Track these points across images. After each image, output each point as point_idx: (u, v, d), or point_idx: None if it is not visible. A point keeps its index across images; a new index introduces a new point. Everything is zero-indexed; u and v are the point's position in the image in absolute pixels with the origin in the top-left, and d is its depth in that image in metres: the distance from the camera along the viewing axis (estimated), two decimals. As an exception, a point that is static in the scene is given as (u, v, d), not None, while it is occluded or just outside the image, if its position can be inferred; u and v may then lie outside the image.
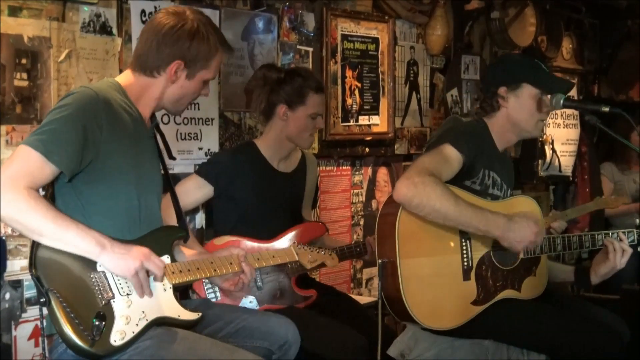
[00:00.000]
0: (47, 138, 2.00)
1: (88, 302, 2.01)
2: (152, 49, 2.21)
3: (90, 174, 2.09)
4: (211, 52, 2.25)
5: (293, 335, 2.36)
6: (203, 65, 2.25)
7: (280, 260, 2.55)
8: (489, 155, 2.65)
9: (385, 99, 4.34)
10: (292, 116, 3.01)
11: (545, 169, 5.69)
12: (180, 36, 2.20)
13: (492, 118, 2.70)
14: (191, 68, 2.24)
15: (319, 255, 2.72)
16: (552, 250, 2.69)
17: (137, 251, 2.07)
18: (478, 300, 2.54)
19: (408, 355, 2.62)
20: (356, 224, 4.27)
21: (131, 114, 2.20)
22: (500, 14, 4.94)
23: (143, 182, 2.22)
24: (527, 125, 2.69)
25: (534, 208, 2.69)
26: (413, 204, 2.37)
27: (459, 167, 2.51)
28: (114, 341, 2.01)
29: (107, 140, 2.10)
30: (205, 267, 2.28)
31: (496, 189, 2.68)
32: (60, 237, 1.98)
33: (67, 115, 2.03)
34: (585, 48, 6.09)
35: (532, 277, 2.68)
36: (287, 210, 3.09)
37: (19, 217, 1.95)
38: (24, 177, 1.96)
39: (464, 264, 2.52)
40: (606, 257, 2.67)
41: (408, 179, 2.38)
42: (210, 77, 2.31)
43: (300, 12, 3.84)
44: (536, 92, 2.65)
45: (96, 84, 2.23)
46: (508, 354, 2.59)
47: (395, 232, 2.44)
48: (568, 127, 5.85)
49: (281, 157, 3.09)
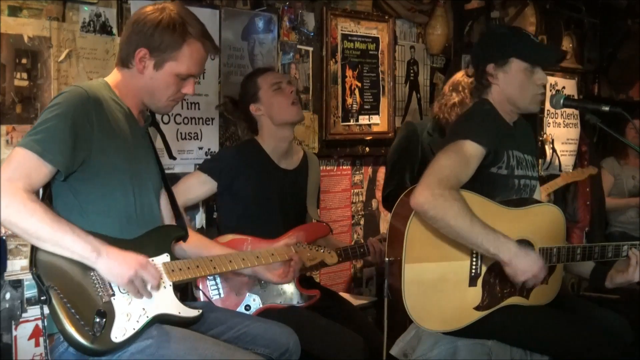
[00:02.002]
0: (41, 138, 2.01)
1: (89, 299, 2.02)
2: (124, 40, 2.25)
3: (85, 171, 2.10)
4: (177, 41, 2.19)
5: (294, 344, 2.38)
6: (171, 56, 2.20)
7: (279, 257, 2.57)
8: (505, 134, 2.58)
9: (385, 98, 4.34)
10: (262, 104, 3.04)
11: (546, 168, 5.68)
12: (145, 24, 2.20)
13: (488, 96, 2.64)
14: (157, 57, 2.21)
15: (317, 253, 2.73)
16: (569, 259, 2.60)
17: (133, 259, 2.07)
18: (481, 305, 2.52)
19: (411, 355, 2.61)
20: (356, 223, 4.27)
21: (122, 111, 2.21)
22: (500, 13, 4.93)
23: (138, 179, 2.22)
24: (521, 101, 2.61)
25: (557, 217, 2.64)
26: (428, 216, 2.34)
27: (481, 160, 2.46)
28: (115, 338, 2.02)
29: (99, 137, 2.10)
30: (205, 265, 2.29)
31: (521, 169, 2.62)
32: (57, 242, 1.98)
33: (59, 114, 2.05)
34: (585, 47, 6.08)
35: (544, 285, 2.61)
36: (290, 208, 3.09)
37: (17, 221, 1.96)
38: (21, 179, 1.97)
39: (472, 271, 2.50)
40: (627, 268, 2.61)
41: (428, 189, 2.32)
42: (182, 70, 2.22)
43: (300, 12, 3.84)
44: (525, 66, 2.58)
45: (87, 82, 2.25)
46: (511, 354, 2.58)
47: (404, 236, 2.42)
48: (568, 126, 5.84)
49: (283, 151, 3.09)
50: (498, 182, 2.55)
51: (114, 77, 2.27)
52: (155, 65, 2.21)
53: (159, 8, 2.22)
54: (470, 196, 2.42)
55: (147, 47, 2.20)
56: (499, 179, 2.56)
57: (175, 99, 2.29)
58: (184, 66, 2.22)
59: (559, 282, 2.68)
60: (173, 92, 2.26)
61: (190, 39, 2.21)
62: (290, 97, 3.04)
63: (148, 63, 2.21)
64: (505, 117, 2.65)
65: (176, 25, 2.19)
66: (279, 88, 3.04)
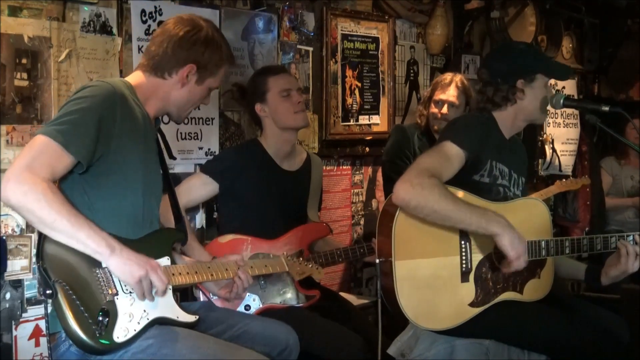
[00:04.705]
0: (66, 129, 2.00)
1: (92, 297, 2.03)
2: (167, 52, 2.26)
3: (101, 166, 2.10)
4: (222, 60, 2.34)
5: (294, 342, 2.39)
6: (212, 73, 2.33)
7: (272, 269, 2.61)
8: (495, 146, 2.61)
9: (385, 98, 4.35)
10: (268, 106, 3.03)
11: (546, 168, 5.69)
12: (196, 41, 2.27)
13: (501, 109, 2.66)
14: (202, 73, 2.30)
15: (306, 268, 2.78)
16: (559, 252, 2.60)
17: (146, 260, 2.08)
18: (476, 302, 2.52)
19: (408, 355, 2.61)
20: (356, 223, 4.27)
21: (141, 113, 2.23)
22: (500, 13, 4.93)
23: (148, 181, 2.24)
24: (538, 115, 2.70)
25: (542, 210, 2.66)
26: (411, 206, 2.36)
27: (462, 163, 2.49)
28: (117, 337, 2.03)
29: (119, 134, 2.11)
30: (203, 271, 2.31)
31: (505, 180, 2.64)
32: (73, 235, 1.98)
33: (86, 107, 2.05)
34: (585, 47, 6.08)
35: (536, 279, 2.63)
36: (291, 209, 3.09)
37: (34, 209, 1.94)
38: (42, 168, 1.96)
39: (463, 266, 2.51)
40: (618, 260, 2.60)
41: (406, 181, 2.35)
42: (215, 85, 2.39)
43: (300, 12, 3.84)
44: (546, 81, 2.67)
45: (111, 79, 2.25)
46: (508, 354, 2.58)
47: (392, 233, 2.43)
48: (568, 126, 5.85)
49: (285, 153, 3.09)
50: (481, 189, 2.56)
51: (137, 80, 2.28)
52: (197, 81, 2.31)
53: (197, 23, 2.31)
54: (453, 190, 2.42)
55: (196, 63, 2.28)
56: (481, 186, 2.57)
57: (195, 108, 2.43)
58: (218, 82, 2.39)
59: (551, 276, 2.69)
60: (200, 103, 2.41)
61: (227, 61, 2.37)
62: (297, 106, 3.04)
63: (192, 78, 2.30)
64: (505, 132, 2.68)
65: (222, 46, 2.33)
66: (287, 95, 3.04)
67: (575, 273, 2.80)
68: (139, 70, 2.31)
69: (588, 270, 2.75)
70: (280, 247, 2.94)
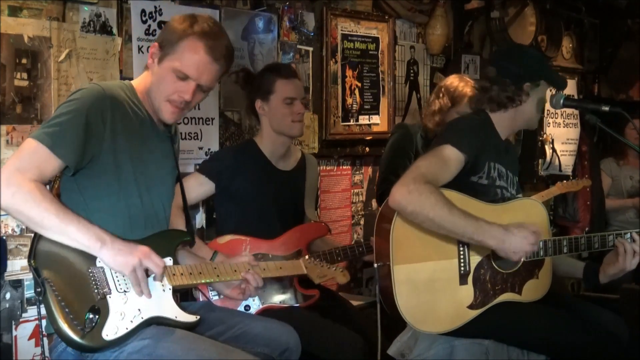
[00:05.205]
0: (54, 131, 2.02)
1: (84, 295, 2.03)
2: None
3: (93, 168, 2.11)
4: (178, 34, 2.17)
5: (294, 343, 2.37)
6: (170, 49, 2.19)
7: (287, 272, 2.57)
8: (492, 147, 2.61)
9: (385, 98, 4.35)
10: (269, 107, 3.02)
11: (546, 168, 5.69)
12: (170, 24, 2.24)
13: (501, 110, 2.66)
14: (162, 51, 2.21)
15: (328, 271, 2.72)
16: (557, 252, 2.60)
17: (137, 248, 2.08)
18: (475, 304, 2.52)
19: (408, 355, 2.61)
20: (356, 223, 4.27)
21: (139, 114, 2.22)
22: (500, 13, 4.94)
23: (146, 182, 2.23)
24: (534, 120, 2.72)
25: (540, 211, 2.65)
26: (407, 212, 2.35)
27: (461, 166, 2.49)
28: (106, 335, 2.02)
29: (110, 136, 2.12)
30: (208, 272, 2.29)
31: (502, 180, 2.65)
32: (62, 231, 1.99)
33: (74, 109, 2.06)
34: (585, 47, 6.08)
35: (535, 279, 2.63)
36: (288, 208, 3.09)
37: (23, 209, 1.97)
38: (30, 170, 1.99)
39: (461, 269, 2.50)
40: (616, 258, 2.61)
41: (403, 186, 2.35)
42: (176, 65, 2.17)
43: (300, 12, 3.84)
44: (547, 89, 2.69)
45: (108, 82, 2.26)
46: (508, 354, 2.58)
47: (390, 237, 2.43)
48: (568, 126, 5.85)
49: (280, 154, 3.09)
50: (479, 191, 2.56)
51: (141, 81, 2.28)
52: (159, 59, 2.21)
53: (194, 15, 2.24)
54: (449, 193, 2.41)
55: (159, 42, 2.22)
56: (479, 188, 2.57)
57: (172, 100, 2.21)
58: (178, 61, 2.17)
59: (549, 276, 2.68)
60: (168, 90, 2.19)
61: (190, 35, 2.17)
62: (296, 116, 3.03)
63: (155, 58, 2.22)
64: (502, 133, 2.69)
65: (185, 22, 2.19)
66: (290, 103, 3.03)
67: (573, 271, 2.80)
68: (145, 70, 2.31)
69: (586, 268, 2.75)
70: (279, 246, 2.94)
